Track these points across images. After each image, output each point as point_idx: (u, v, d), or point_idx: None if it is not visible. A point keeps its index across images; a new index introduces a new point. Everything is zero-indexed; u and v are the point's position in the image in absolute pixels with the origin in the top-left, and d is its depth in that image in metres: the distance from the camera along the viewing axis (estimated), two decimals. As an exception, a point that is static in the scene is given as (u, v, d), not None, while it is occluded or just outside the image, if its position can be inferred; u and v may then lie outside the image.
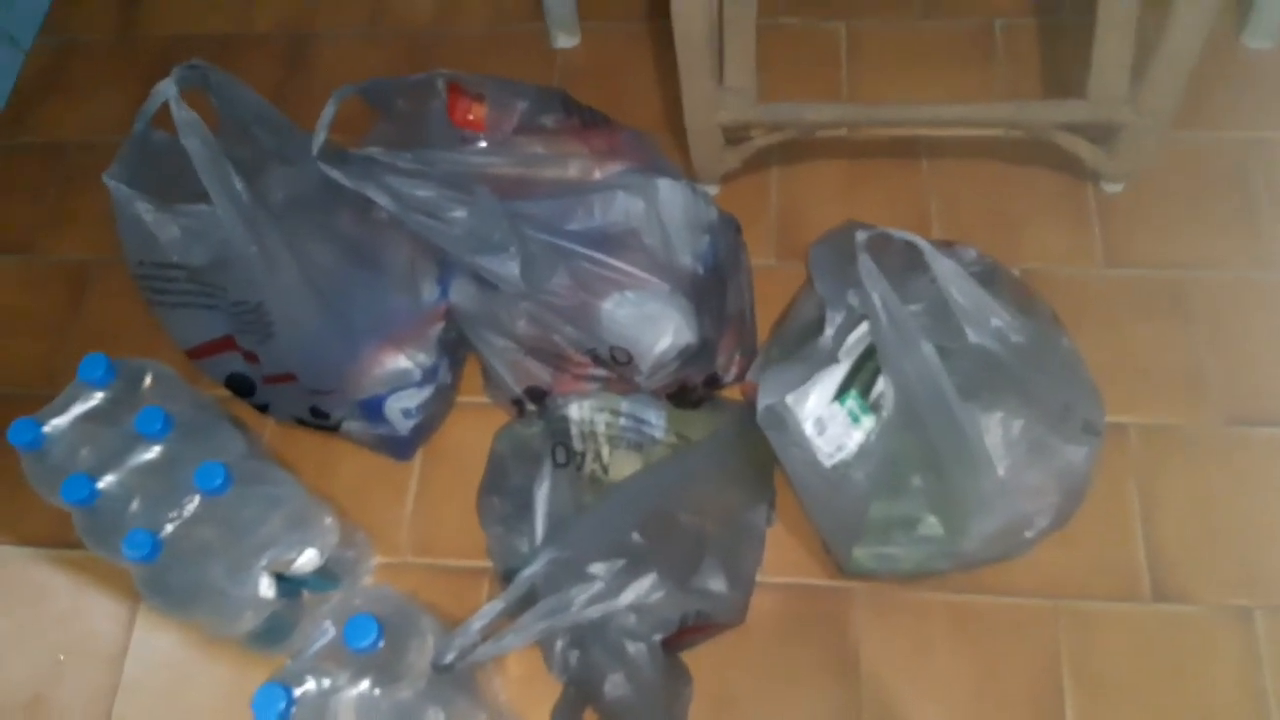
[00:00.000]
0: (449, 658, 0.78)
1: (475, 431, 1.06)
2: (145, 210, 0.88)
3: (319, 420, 1.05)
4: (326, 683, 0.76)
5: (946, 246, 0.93)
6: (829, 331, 0.80)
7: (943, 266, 0.78)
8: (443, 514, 1.05)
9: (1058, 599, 0.94)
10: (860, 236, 0.79)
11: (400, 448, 1.06)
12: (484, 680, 0.92)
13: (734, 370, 1.04)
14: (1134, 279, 1.08)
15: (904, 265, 0.85)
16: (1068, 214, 1.12)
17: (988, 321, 0.79)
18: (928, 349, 0.78)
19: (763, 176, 1.18)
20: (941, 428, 0.80)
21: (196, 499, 0.84)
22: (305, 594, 0.95)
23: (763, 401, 0.81)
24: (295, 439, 1.09)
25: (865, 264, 0.79)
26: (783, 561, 0.98)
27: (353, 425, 1.04)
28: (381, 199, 0.87)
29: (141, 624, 1.03)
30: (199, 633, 1.01)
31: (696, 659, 0.93)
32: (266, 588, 0.88)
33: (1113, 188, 1.12)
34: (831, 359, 0.82)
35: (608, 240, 0.93)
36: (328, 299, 0.93)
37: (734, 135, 1.09)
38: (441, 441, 1.09)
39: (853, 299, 0.83)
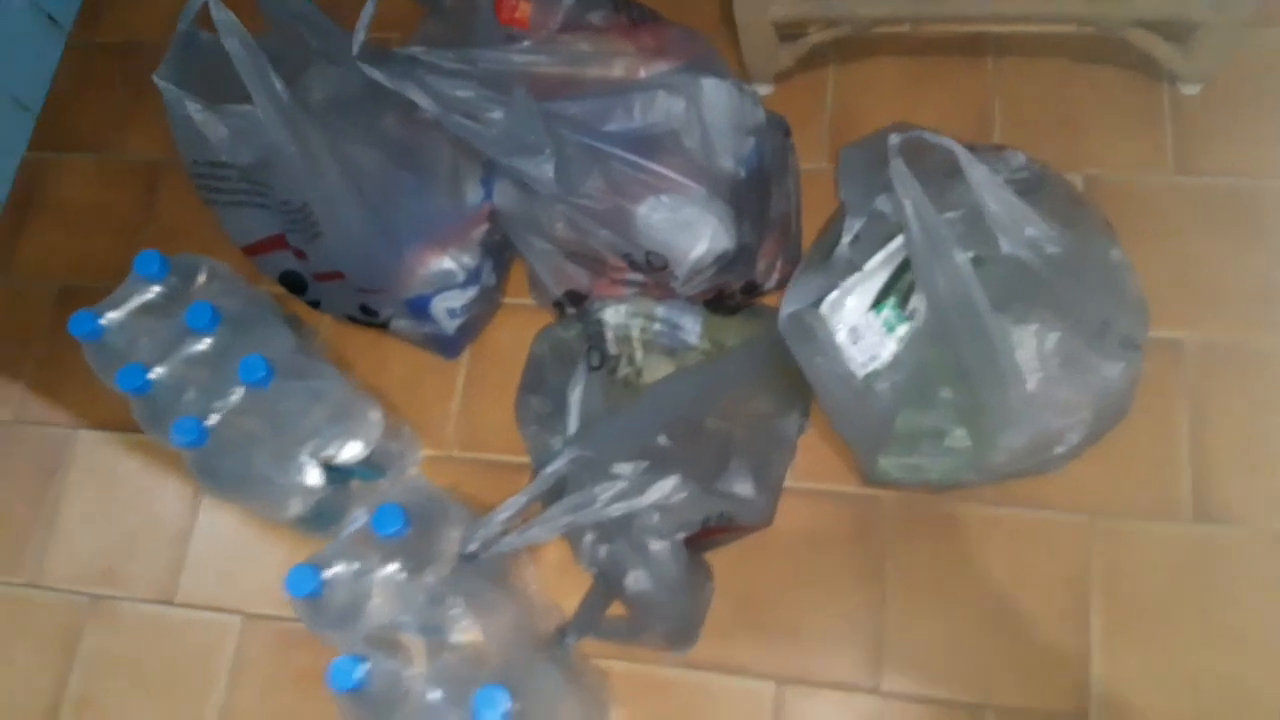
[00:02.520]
0: (472, 547, 0.81)
1: (522, 332, 1.08)
2: (194, 110, 0.90)
3: (369, 317, 1.08)
4: (356, 565, 0.81)
5: (995, 151, 0.89)
6: (845, 239, 0.78)
7: (977, 173, 0.75)
8: (488, 411, 1.08)
9: (1093, 514, 0.93)
10: (893, 140, 0.76)
11: (447, 346, 1.09)
12: (516, 570, 0.95)
13: (775, 277, 1.03)
14: (1206, 187, 1.02)
15: (945, 171, 0.81)
16: (1139, 117, 1.06)
17: (1022, 231, 0.76)
18: (960, 258, 0.75)
19: (818, 76, 1.14)
20: (971, 339, 0.78)
21: (240, 390, 0.88)
22: (355, 483, 0.99)
23: (785, 309, 0.80)
24: (350, 336, 1.12)
25: (897, 168, 0.76)
26: (815, 468, 0.98)
27: (401, 323, 1.07)
28: (421, 99, 0.87)
29: (206, 506, 1.09)
30: (258, 516, 1.07)
31: (722, 559, 0.95)
32: (313, 476, 0.93)
33: (1189, 89, 1.05)
34: (852, 268, 0.80)
35: (646, 142, 0.92)
36: (371, 200, 0.94)
37: (788, 32, 1.06)
38: (489, 341, 1.11)
39: (884, 205, 0.80)
